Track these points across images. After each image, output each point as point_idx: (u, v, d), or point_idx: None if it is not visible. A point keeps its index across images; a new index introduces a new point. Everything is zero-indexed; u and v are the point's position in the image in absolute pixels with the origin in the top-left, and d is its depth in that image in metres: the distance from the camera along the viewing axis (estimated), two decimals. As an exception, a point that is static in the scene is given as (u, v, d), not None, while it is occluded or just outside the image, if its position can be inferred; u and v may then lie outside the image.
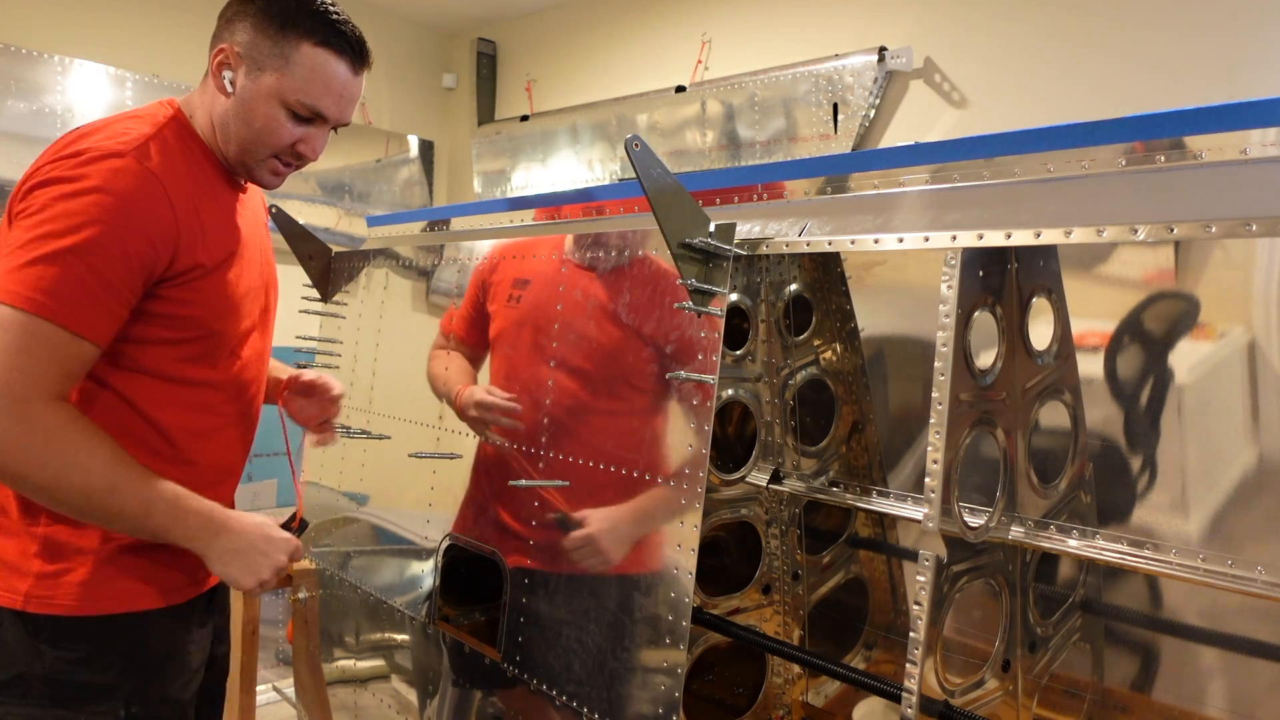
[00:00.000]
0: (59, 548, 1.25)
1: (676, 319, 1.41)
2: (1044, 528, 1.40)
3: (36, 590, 1.24)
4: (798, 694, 1.95)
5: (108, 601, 1.27)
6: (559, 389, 1.62)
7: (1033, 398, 1.42)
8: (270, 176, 1.38)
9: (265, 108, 1.30)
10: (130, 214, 1.20)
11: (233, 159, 1.35)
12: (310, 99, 1.31)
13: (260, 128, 1.31)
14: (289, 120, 1.32)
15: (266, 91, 1.30)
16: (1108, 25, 2.84)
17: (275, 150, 1.34)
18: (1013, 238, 1.14)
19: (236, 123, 1.32)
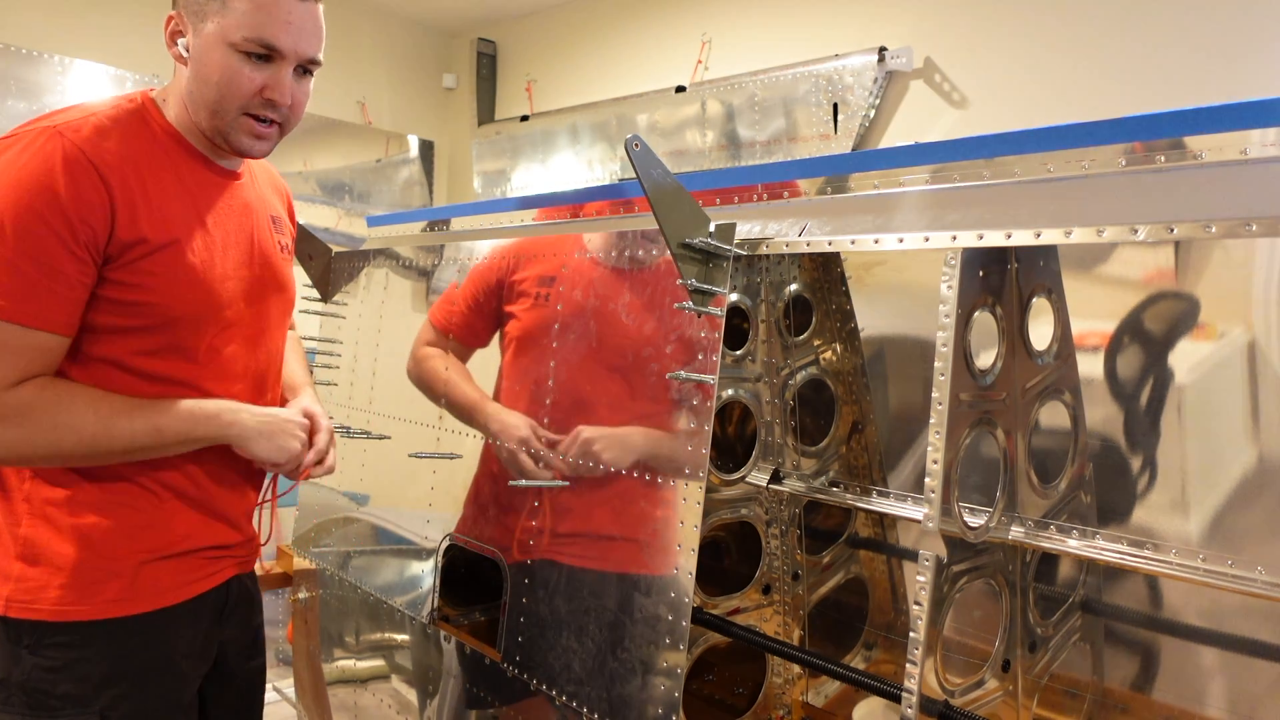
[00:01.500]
0: (41, 550, 1.22)
1: (678, 318, 1.41)
2: (1044, 528, 1.40)
3: (17, 594, 1.21)
4: (798, 694, 1.94)
5: (91, 606, 1.23)
6: (573, 388, 1.59)
7: (1033, 398, 1.42)
8: (250, 140, 1.29)
9: (216, 56, 1.23)
10: (52, 189, 1.14)
11: (207, 129, 1.28)
12: (255, 31, 1.22)
13: (218, 80, 1.23)
14: (245, 65, 1.23)
15: (213, 39, 1.22)
16: (1108, 25, 2.84)
17: (242, 103, 1.25)
18: (1013, 238, 1.14)
19: (197, 85, 1.25)
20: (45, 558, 1.22)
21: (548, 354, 1.64)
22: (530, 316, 1.70)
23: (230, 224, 1.34)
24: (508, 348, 1.76)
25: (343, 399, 2.25)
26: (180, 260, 1.25)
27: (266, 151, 1.33)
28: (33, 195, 1.13)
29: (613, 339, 1.53)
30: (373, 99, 4.84)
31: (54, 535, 1.22)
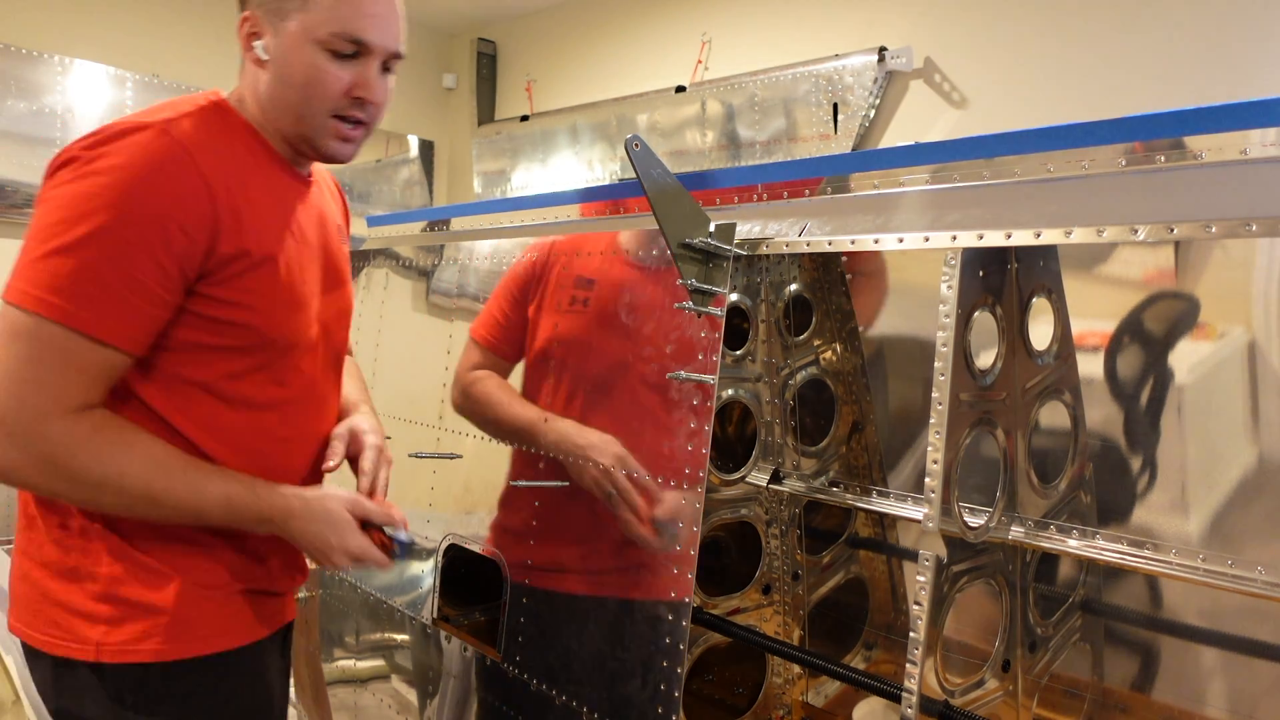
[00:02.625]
0: (132, 588, 1.11)
1: (678, 318, 1.41)
2: (1044, 528, 1.40)
3: (111, 637, 1.09)
4: (798, 694, 1.94)
5: (196, 640, 1.13)
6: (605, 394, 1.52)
7: (1033, 398, 1.42)
8: (338, 144, 1.20)
9: (300, 56, 1.13)
10: (153, 193, 1.04)
11: (292, 135, 1.19)
12: (342, 25, 1.13)
13: (303, 82, 1.14)
14: (331, 62, 1.14)
15: (295, 38, 1.13)
16: (1108, 25, 2.84)
17: (330, 105, 1.16)
18: (1013, 238, 1.14)
19: (280, 88, 1.15)
20: (138, 595, 1.11)
21: (586, 360, 1.57)
22: (568, 322, 1.61)
23: (311, 236, 1.26)
24: (543, 352, 1.66)
25: (343, 399, 2.25)
26: (278, 277, 1.16)
27: (352, 155, 1.24)
28: (130, 198, 1.03)
29: (645, 344, 1.48)
30: (373, 99, 4.85)
31: (145, 571, 1.12)
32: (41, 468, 1.03)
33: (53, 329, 1.01)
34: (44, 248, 1.02)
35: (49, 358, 1.02)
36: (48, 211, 1.04)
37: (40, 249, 1.02)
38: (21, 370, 1.01)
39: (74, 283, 1.01)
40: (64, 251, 1.02)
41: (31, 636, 1.13)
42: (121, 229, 1.03)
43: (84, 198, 1.03)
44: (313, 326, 1.24)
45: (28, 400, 1.01)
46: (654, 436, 1.43)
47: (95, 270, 1.02)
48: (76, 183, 1.03)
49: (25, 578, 1.15)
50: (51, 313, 1.01)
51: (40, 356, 1.02)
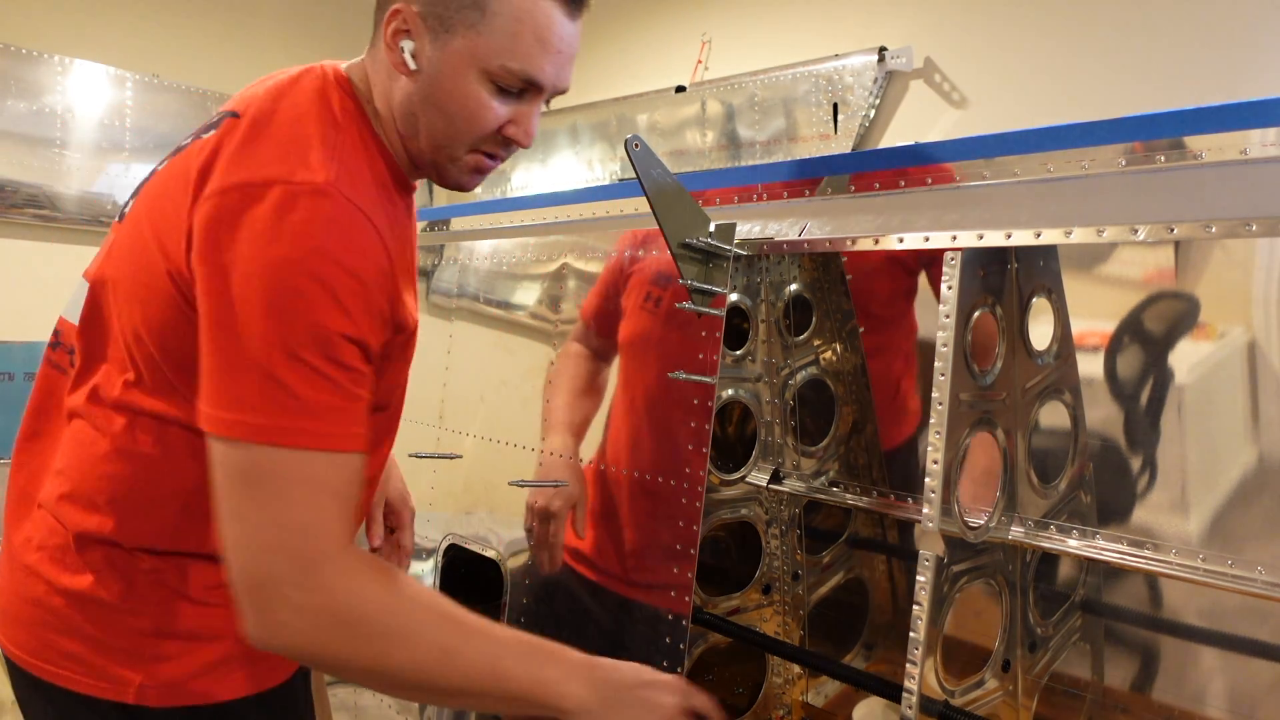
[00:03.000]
0: (179, 625, 1.00)
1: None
2: (1044, 528, 1.40)
3: (154, 679, 0.98)
4: (798, 694, 1.94)
5: (244, 680, 1.03)
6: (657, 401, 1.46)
7: (1033, 398, 1.42)
8: (470, 176, 1.06)
9: (459, 83, 0.97)
10: (359, 277, 0.90)
11: (424, 157, 1.04)
12: (519, 62, 0.96)
13: (457, 111, 0.98)
14: (493, 96, 0.98)
15: (459, 60, 0.96)
16: (1108, 25, 2.84)
17: (477, 141, 1.01)
18: (1013, 238, 1.14)
19: (428, 111, 0.99)
20: (189, 633, 1.01)
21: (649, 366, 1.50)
22: (636, 321, 1.53)
23: (409, 260, 1.10)
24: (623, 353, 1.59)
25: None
26: (411, 346, 1.08)
27: (476, 185, 1.09)
28: (344, 286, 0.88)
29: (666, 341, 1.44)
30: (373, 99, 4.85)
31: (198, 608, 1.02)
32: (330, 626, 0.88)
33: (303, 457, 0.87)
34: (258, 360, 0.86)
35: (299, 487, 0.87)
36: (250, 309, 0.86)
37: (252, 361, 0.86)
38: (278, 512, 0.86)
39: (312, 395, 0.87)
40: (288, 362, 0.86)
41: (40, 668, 1.01)
42: (327, 319, 0.88)
43: (292, 292, 0.86)
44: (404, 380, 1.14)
45: (298, 548, 0.86)
46: (653, 436, 1.43)
47: (322, 375, 0.88)
48: (277, 273, 0.87)
49: (38, 602, 1.02)
50: (299, 440, 0.86)
51: (288, 488, 0.87)
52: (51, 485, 1.04)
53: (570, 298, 1.77)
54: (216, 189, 0.92)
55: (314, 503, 0.88)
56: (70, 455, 1.03)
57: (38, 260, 4.05)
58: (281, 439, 0.86)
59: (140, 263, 0.99)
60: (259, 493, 0.86)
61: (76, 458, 1.02)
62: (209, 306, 0.89)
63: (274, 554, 0.86)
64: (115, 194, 4.20)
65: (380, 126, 1.04)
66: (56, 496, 1.03)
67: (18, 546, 1.06)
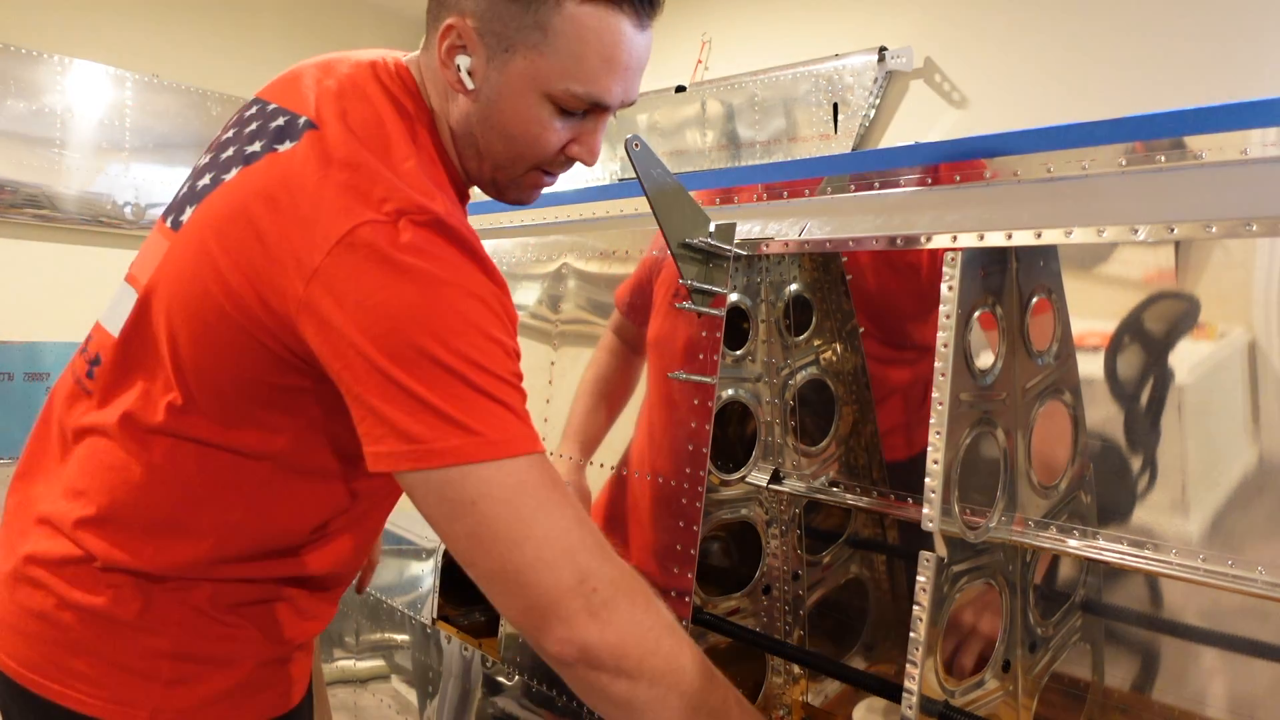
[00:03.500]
0: (195, 647, 0.96)
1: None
2: (1044, 528, 1.40)
3: (169, 703, 0.94)
4: (798, 694, 1.94)
5: (261, 706, 1.01)
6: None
7: (1033, 398, 1.42)
8: (530, 193, 1.03)
9: (520, 105, 0.92)
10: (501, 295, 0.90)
11: (482, 174, 1.01)
12: (584, 84, 0.91)
13: (518, 133, 0.94)
14: (555, 118, 0.94)
15: (520, 82, 0.91)
16: (1108, 25, 2.84)
17: (541, 160, 0.98)
18: (1013, 238, 1.14)
19: (487, 133, 0.95)
20: (207, 656, 0.97)
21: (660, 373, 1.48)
22: (665, 320, 1.49)
23: None
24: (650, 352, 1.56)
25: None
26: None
27: (534, 200, 1.07)
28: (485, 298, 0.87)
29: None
30: (373, 99, 4.85)
31: (216, 630, 0.98)
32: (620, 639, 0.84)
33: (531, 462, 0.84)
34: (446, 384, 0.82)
35: (555, 501, 0.84)
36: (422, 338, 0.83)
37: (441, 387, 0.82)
38: (550, 523, 0.83)
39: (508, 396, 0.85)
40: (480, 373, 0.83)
41: (43, 686, 0.95)
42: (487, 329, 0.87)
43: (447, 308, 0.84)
44: None
45: (579, 554, 0.83)
46: (653, 436, 1.43)
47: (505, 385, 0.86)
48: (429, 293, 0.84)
49: (44, 616, 0.96)
50: (526, 445, 0.84)
51: (550, 503, 0.83)
52: (67, 506, 0.98)
53: (570, 298, 1.77)
54: (343, 231, 0.84)
55: (567, 507, 0.85)
56: (96, 478, 0.97)
57: (37, 260, 4.05)
58: (517, 448, 0.84)
59: (204, 286, 0.92)
60: (525, 506, 0.83)
61: (104, 482, 0.96)
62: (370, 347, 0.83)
63: (561, 567, 0.83)
64: (115, 194, 4.20)
65: (440, 132, 1.00)
66: (75, 520, 0.96)
67: (21, 561, 0.99)
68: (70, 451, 1.00)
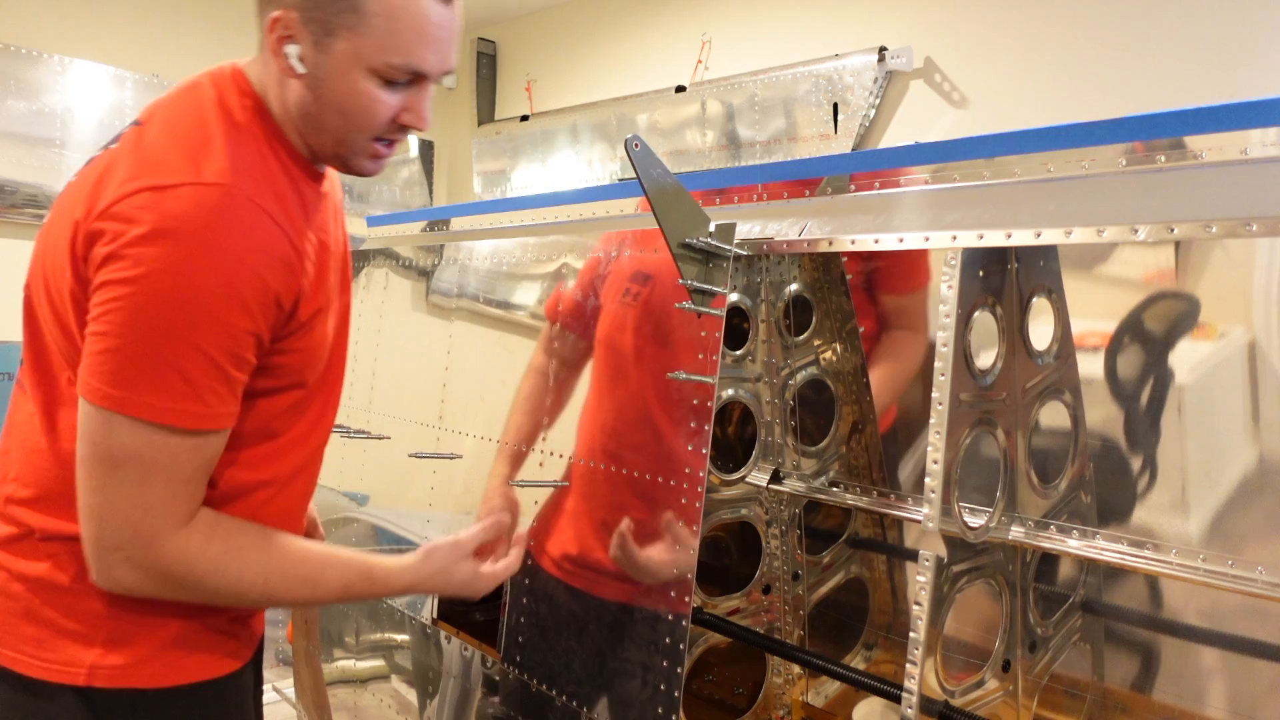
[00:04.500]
0: (131, 607, 1.04)
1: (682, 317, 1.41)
2: (1044, 528, 1.40)
3: (105, 661, 1.02)
4: (798, 694, 1.94)
5: (191, 668, 1.08)
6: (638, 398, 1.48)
7: (1033, 398, 1.42)
8: (372, 163, 1.11)
9: (347, 83, 1.01)
10: (259, 274, 0.97)
11: (325, 152, 1.09)
12: (401, 56, 1.01)
13: (350, 109, 1.03)
14: (382, 90, 1.03)
15: (344, 62, 1.00)
16: (1108, 25, 2.84)
17: (376, 132, 1.06)
18: (1013, 238, 1.14)
19: (319, 109, 1.04)
20: (139, 616, 1.05)
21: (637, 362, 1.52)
22: (617, 315, 1.54)
23: (329, 243, 1.16)
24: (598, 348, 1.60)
25: (343, 399, 2.25)
26: (326, 320, 1.13)
27: (381, 170, 1.15)
28: (228, 277, 0.95)
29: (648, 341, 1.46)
30: (373, 99, 4.85)
31: (146, 601, 1.05)
32: (162, 584, 1.00)
33: (163, 435, 0.95)
34: (131, 345, 0.93)
35: (159, 470, 0.96)
36: (125, 299, 0.93)
37: (126, 347, 0.93)
38: (131, 491, 0.95)
39: (174, 380, 0.94)
40: (161, 347, 0.93)
41: (1, 654, 1.04)
42: (223, 312, 0.95)
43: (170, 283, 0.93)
44: (334, 347, 1.20)
45: (140, 526, 0.96)
46: (654, 436, 1.43)
47: (208, 360, 0.95)
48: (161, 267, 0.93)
49: (2, 591, 1.06)
50: (160, 417, 0.94)
51: (149, 470, 0.95)
52: (5, 491, 1.08)
53: (570, 298, 1.77)
54: (124, 192, 0.96)
55: (169, 487, 0.97)
56: (24, 462, 1.08)
57: (38, 260, 4.04)
58: (165, 418, 0.95)
59: (55, 268, 1.03)
60: (122, 470, 0.95)
61: (30, 464, 1.07)
62: (117, 295, 0.94)
63: (121, 529, 0.96)
64: (115, 194, 4.19)
65: (280, 121, 1.08)
66: (10, 500, 1.07)
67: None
68: (10, 442, 1.11)
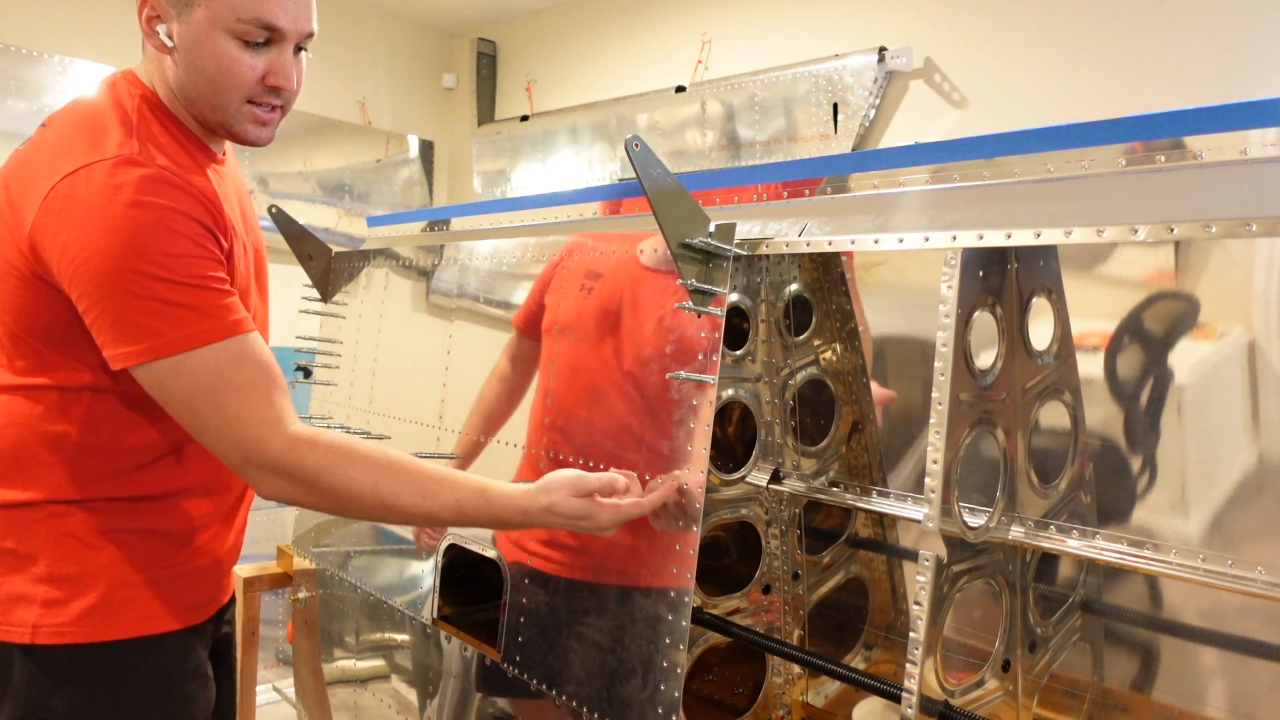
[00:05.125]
0: (66, 572, 1.15)
1: (679, 318, 1.41)
2: (1044, 528, 1.40)
3: (45, 619, 1.13)
4: (798, 694, 1.95)
5: (124, 625, 1.17)
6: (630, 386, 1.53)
7: (1033, 398, 1.42)
8: (255, 128, 1.21)
9: (210, 46, 1.13)
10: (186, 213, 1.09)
11: (209, 120, 1.20)
12: (253, 12, 1.12)
13: (215, 71, 1.14)
14: (243, 51, 1.14)
15: (203, 28, 1.12)
16: (1108, 25, 2.84)
17: (245, 93, 1.17)
18: (1013, 238, 1.14)
19: (192, 77, 1.15)
20: (72, 579, 1.15)
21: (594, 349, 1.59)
22: (572, 305, 1.62)
23: (233, 211, 1.26)
24: (546, 336, 1.69)
25: (342, 399, 2.25)
26: (236, 270, 1.21)
27: (271, 138, 1.25)
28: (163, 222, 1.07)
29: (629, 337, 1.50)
30: (373, 99, 4.84)
31: (83, 555, 1.16)
32: (297, 486, 1.11)
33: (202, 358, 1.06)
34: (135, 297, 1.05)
35: (221, 388, 1.07)
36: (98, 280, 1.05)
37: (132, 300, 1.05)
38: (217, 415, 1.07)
39: (181, 309, 1.06)
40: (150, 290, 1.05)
41: None
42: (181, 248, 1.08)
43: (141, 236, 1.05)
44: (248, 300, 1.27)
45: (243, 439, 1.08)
46: (654, 436, 1.43)
47: (184, 290, 1.07)
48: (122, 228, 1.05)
49: None
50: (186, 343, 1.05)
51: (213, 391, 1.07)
52: None
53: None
54: (47, 187, 1.07)
55: (241, 397, 1.08)
56: None
57: (38, 260, 4.04)
58: (194, 342, 1.06)
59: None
60: (196, 404, 1.07)
61: None
62: (80, 274, 1.05)
63: (234, 449, 1.08)
64: (115, 194, 4.20)
65: (170, 104, 1.20)
66: None
67: None
68: None
